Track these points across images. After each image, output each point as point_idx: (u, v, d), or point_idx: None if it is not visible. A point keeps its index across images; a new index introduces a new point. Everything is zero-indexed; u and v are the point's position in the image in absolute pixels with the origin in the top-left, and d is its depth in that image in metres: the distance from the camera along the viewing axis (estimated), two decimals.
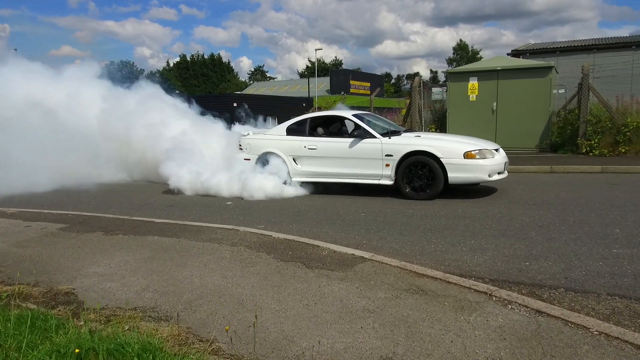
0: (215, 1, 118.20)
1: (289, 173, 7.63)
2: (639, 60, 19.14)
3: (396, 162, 6.82)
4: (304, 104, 28.95)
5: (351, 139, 7.23)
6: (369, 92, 43.35)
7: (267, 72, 78.90)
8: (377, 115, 9.37)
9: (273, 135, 8.01)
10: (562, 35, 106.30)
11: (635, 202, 5.87)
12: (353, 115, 7.74)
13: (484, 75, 12.96)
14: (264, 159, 7.81)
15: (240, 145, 8.17)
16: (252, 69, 79.90)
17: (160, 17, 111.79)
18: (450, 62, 55.94)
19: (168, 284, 3.20)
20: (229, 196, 7.38)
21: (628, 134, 10.46)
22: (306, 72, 60.03)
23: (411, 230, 4.86)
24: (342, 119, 7.95)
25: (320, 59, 66.92)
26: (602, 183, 7.52)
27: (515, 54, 21.60)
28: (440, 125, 14.39)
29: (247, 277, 3.25)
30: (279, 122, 9.26)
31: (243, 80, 71.70)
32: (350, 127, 7.81)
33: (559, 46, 21.42)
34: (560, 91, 14.74)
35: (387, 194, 7.09)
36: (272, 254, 3.77)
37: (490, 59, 15.80)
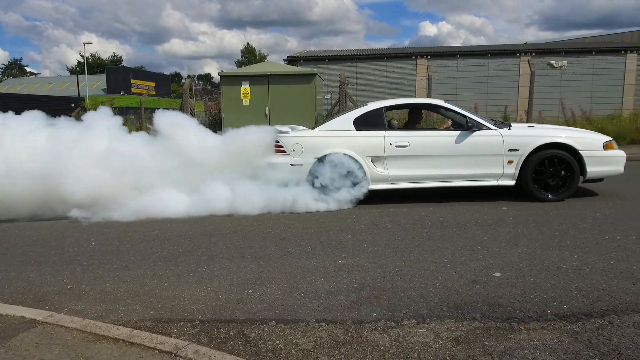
0: None
1: (366, 179, 6.03)
2: (391, 71, 22.15)
3: (523, 157, 5.88)
4: (73, 104, 25.32)
5: (457, 132, 6.02)
6: (154, 92, 40.63)
7: (26, 66, 67.02)
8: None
9: (335, 131, 6.25)
10: (337, 44, 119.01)
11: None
12: (445, 102, 6.55)
13: (255, 79, 13.01)
14: (324, 163, 6.00)
15: (280, 147, 6.14)
16: (7, 62, 66.90)
17: None
18: (239, 64, 56.55)
19: None
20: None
21: None
22: (78, 69, 53.01)
23: (173, 261, 4.15)
24: (428, 107, 7.24)
25: (95, 54, 60.31)
26: None
27: (291, 60, 22.73)
28: (216, 129, 13.99)
29: None
30: None
31: None
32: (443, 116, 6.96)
33: (328, 55, 23.35)
34: (326, 97, 15.89)
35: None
36: None
37: (260, 64, 16.11)
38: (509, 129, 6.08)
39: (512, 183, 6.01)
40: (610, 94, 21.74)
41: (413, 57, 22.49)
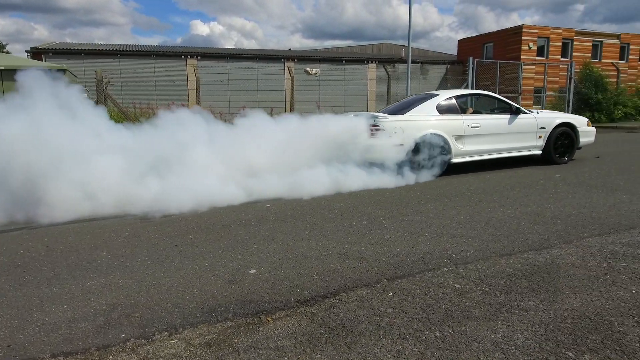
0: None
1: (451, 155, 7.53)
2: (160, 70, 21.20)
3: (548, 133, 8.18)
4: None
5: (509, 116, 7.99)
6: None
7: None
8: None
9: (426, 116, 7.51)
10: (99, 37, 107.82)
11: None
12: (494, 94, 8.75)
13: None
14: (422, 142, 7.30)
15: (379, 131, 7.14)
16: None
17: None
18: None
19: None
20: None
21: None
22: None
23: None
24: (483, 96, 8.89)
25: None
26: None
27: (37, 52, 19.65)
28: None
29: None
30: None
31: None
32: (489, 104, 8.98)
33: (85, 48, 20.95)
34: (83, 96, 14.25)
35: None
36: None
37: None
38: (538, 112, 8.32)
39: (539, 153, 8.30)
40: (358, 97, 25.46)
41: (183, 57, 22.07)
